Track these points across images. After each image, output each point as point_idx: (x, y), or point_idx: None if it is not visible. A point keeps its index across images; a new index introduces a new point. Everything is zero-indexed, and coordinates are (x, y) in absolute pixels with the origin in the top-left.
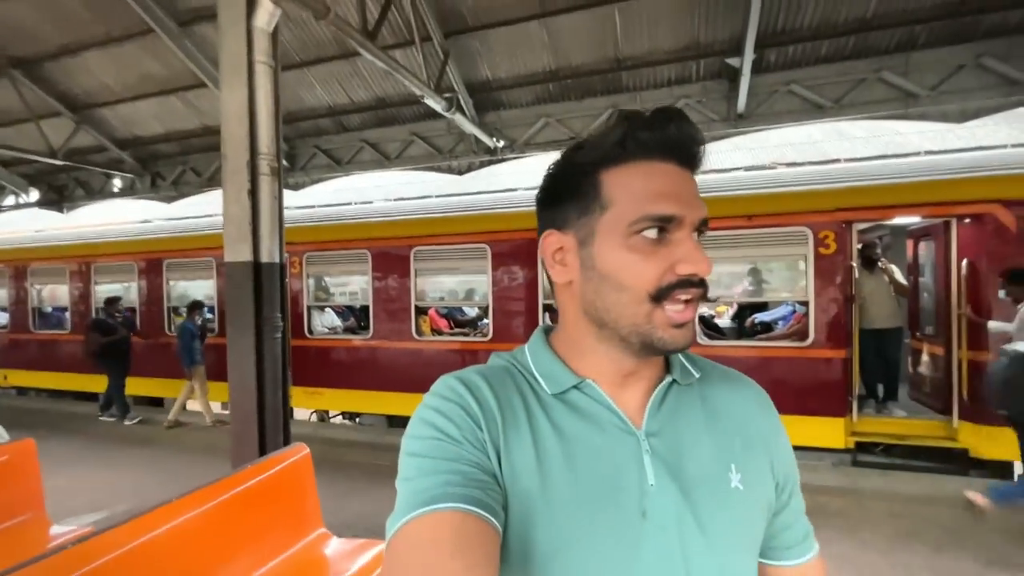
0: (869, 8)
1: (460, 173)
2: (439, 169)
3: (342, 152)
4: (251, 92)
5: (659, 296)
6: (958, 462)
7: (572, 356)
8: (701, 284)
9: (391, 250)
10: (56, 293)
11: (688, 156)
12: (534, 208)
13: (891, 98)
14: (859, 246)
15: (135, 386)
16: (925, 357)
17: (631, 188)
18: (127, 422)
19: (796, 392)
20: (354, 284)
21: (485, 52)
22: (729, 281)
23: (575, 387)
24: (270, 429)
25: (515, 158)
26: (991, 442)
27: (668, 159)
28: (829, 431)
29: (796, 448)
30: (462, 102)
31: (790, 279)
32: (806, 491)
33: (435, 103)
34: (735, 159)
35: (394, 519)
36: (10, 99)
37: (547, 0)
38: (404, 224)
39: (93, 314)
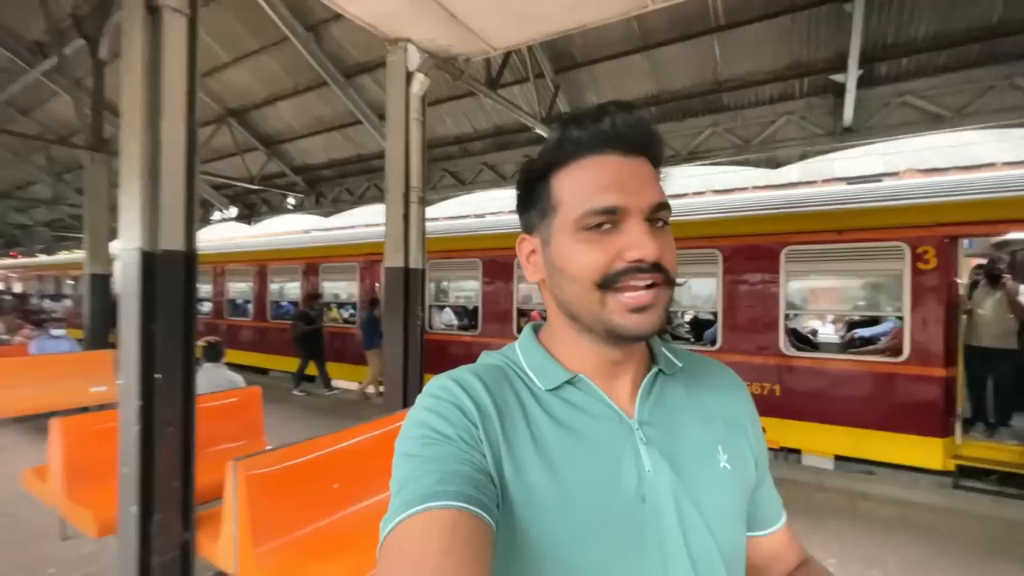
0: (994, 14)
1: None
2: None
3: (465, 173)
4: (407, 142)
5: (606, 283)
6: None
7: (561, 351)
8: (656, 269)
9: (498, 259)
10: (241, 288)
11: (632, 144)
12: None
13: (1019, 105)
14: (983, 260)
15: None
16: None
17: (574, 186)
18: (327, 392)
19: (889, 408)
20: (468, 288)
21: (591, 83)
22: (825, 296)
23: (568, 382)
24: (411, 390)
25: None
26: None
27: (609, 151)
28: (925, 451)
29: (891, 466)
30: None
31: (888, 294)
32: (906, 507)
33: (543, 132)
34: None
35: (387, 520)
36: (224, 140)
37: (649, 34)
38: (511, 236)
39: (295, 306)
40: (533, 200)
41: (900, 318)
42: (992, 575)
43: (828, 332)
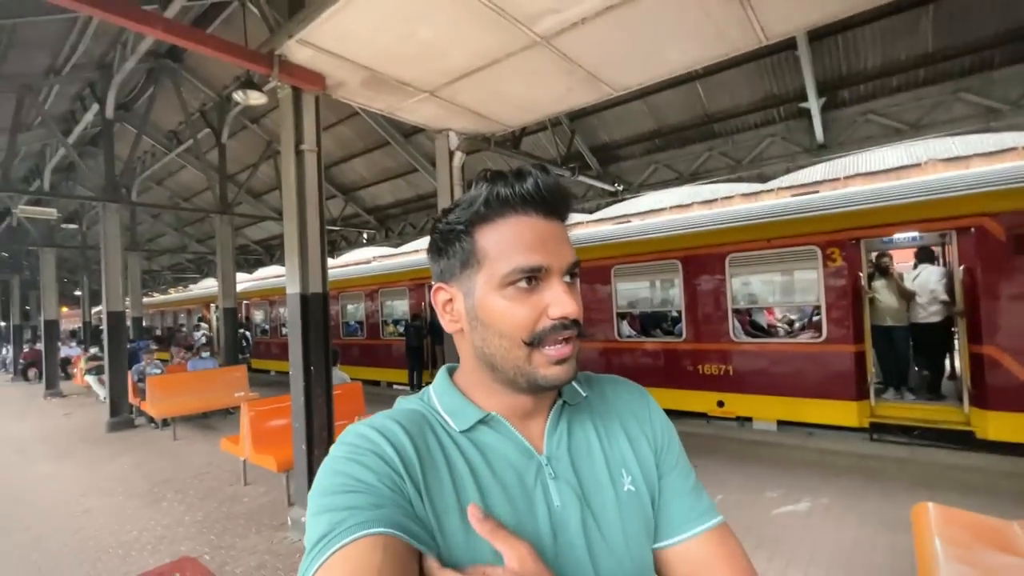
0: (927, 44)
1: (590, 212)
2: (581, 210)
3: None
4: (452, 199)
5: (534, 341)
6: (965, 442)
7: (475, 394)
8: (575, 324)
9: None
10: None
11: (551, 207)
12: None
13: (973, 115)
14: (874, 256)
15: (385, 374)
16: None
17: (500, 243)
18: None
19: (815, 380)
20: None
21: (602, 126)
22: (766, 290)
23: (481, 421)
24: None
25: (632, 197)
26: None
27: (532, 212)
28: (845, 412)
29: (819, 426)
30: (588, 161)
31: (808, 288)
32: (836, 455)
33: (560, 172)
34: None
35: (307, 568)
36: None
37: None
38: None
39: (404, 324)
40: (453, 251)
41: (818, 307)
42: (909, 500)
43: (776, 321)
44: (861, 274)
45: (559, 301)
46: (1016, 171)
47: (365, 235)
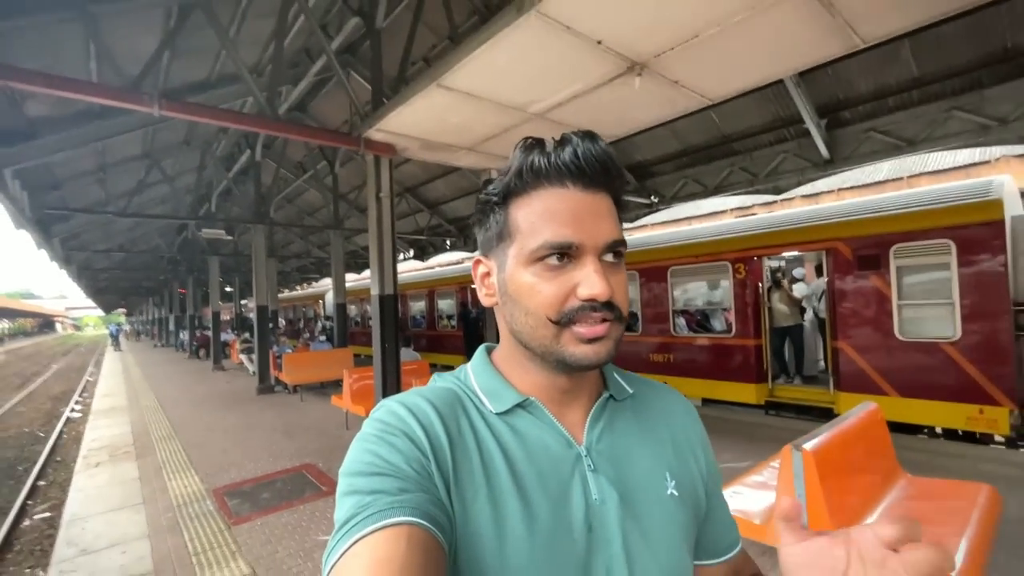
0: (912, 70)
1: (631, 221)
2: (622, 219)
3: None
4: None
5: (561, 320)
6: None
7: (512, 373)
8: (607, 307)
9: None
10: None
11: (591, 179)
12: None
13: (967, 130)
14: (773, 269)
15: (441, 359)
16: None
17: (531, 217)
18: None
19: (726, 366)
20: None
21: (634, 147)
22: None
23: (519, 405)
24: None
25: (666, 208)
26: (851, 403)
27: (569, 184)
28: (748, 392)
29: (732, 403)
30: (627, 177)
31: (725, 294)
32: (740, 424)
33: None
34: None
35: (332, 550)
36: (403, 207)
37: None
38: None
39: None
40: (490, 223)
41: (727, 309)
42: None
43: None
44: (760, 284)
45: (589, 281)
46: (854, 206)
47: (448, 242)
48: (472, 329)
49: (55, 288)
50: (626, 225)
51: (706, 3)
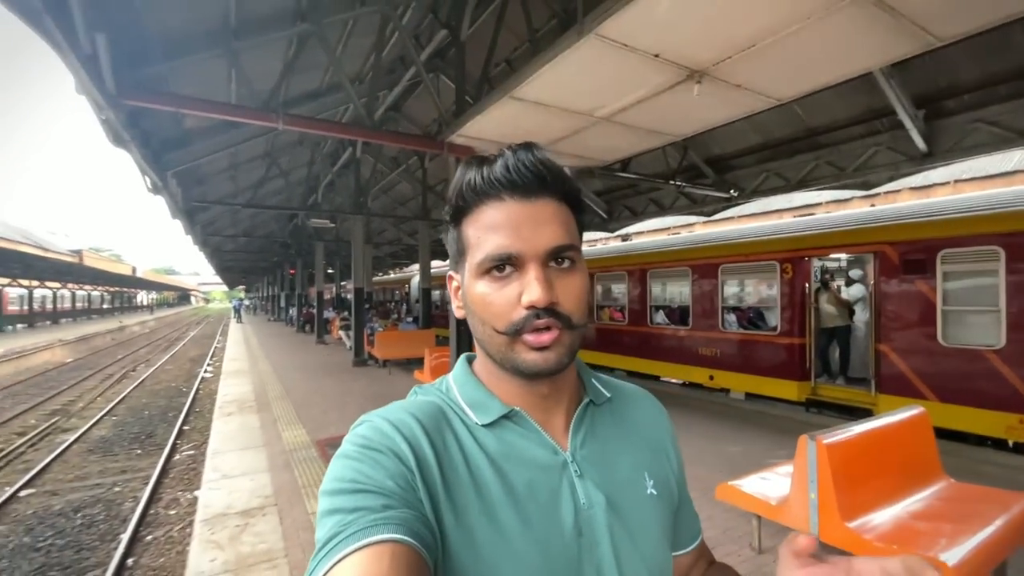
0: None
1: (709, 215)
2: (699, 213)
3: (637, 206)
4: None
5: (509, 332)
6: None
7: (493, 382)
8: (551, 314)
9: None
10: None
11: (528, 188)
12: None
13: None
14: (821, 270)
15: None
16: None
17: (477, 232)
18: None
19: (771, 363)
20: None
21: (712, 141)
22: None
23: (505, 416)
24: None
25: (747, 202)
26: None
27: (505, 196)
28: (791, 389)
29: (765, 399)
30: (704, 170)
31: (772, 292)
32: (782, 420)
33: (664, 186)
34: None
35: (314, 572)
36: None
37: None
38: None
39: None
40: (449, 241)
41: (773, 307)
42: None
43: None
44: (808, 284)
45: (529, 288)
46: (903, 209)
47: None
48: None
49: (191, 265)
50: (704, 220)
51: (758, 16)
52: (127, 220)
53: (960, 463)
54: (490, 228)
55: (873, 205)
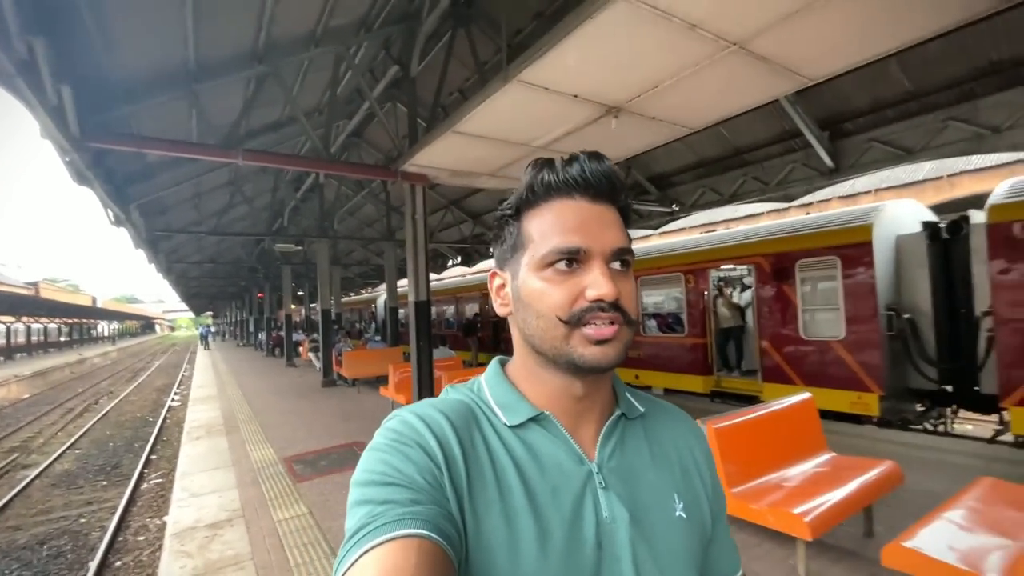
0: (904, 84)
1: (655, 228)
2: (647, 226)
3: None
4: None
5: (571, 320)
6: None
7: (526, 386)
8: (615, 308)
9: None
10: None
11: (597, 191)
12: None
13: (963, 139)
14: (719, 279)
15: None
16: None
17: (542, 227)
18: None
19: (681, 361)
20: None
21: (653, 160)
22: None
23: (533, 419)
24: None
25: (685, 216)
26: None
27: (576, 196)
28: (697, 383)
29: (680, 392)
30: (647, 187)
31: (679, 299)
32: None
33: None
34: None
35: (342, 560)
36: (448, 218)
37: None
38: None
39: None
40: (505, 237)
41: (682, 312)
42: None
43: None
44: (706, 292)
45: (596, 283)
46: (773, 227)
47: (491, 249)
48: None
49: (154, 293)
50: (647, 232)
51: (654, 65)
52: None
53: (852, 440)
54: (559, 223)
55: (808, 213)
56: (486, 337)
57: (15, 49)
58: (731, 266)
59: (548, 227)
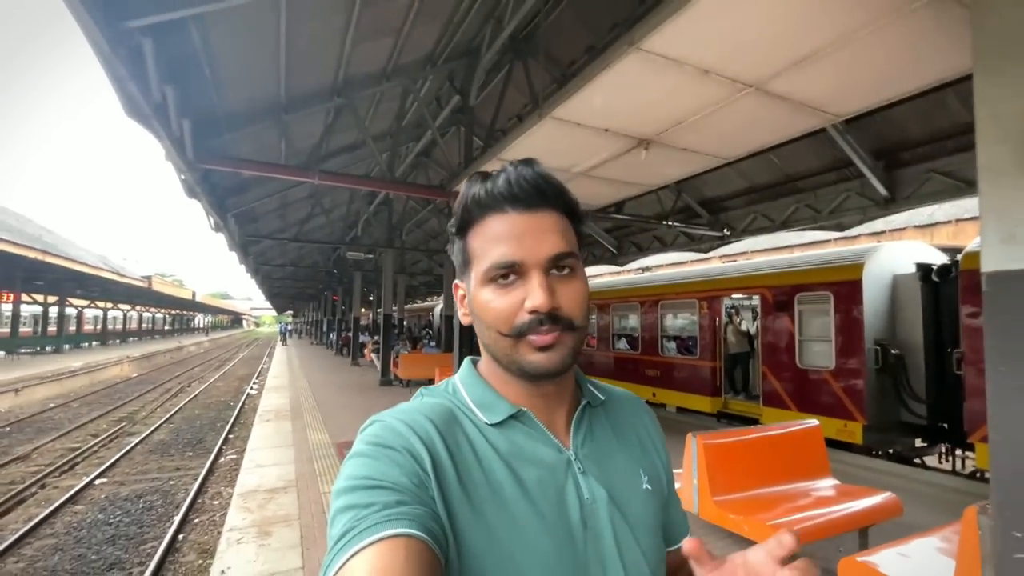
0: (963, 116)
1: (705, 252)
2: (697, 249)
3: (643, 242)
4: None
5: (512, 334)
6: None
7: (499, 384)
8: (553, 319)
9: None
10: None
11: (528, 201)
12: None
13: None
14: (730, 307)
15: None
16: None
17: (481, 243)
18: None
19: (693, 382)
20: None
21: (704, 185)
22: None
23: (512, 416)
24: None
25: (737, 240)
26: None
27: (508, 208)
28: (706, 403)
29: (691, 412)
30: (698, 211)
31: (694, 324)
32: (699, 427)
33: (661, 225)
34: None
35: (326, 571)
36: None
37: None
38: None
39: None
40: (455, 252)
41: (695, 336)
42: None
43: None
44: (718, 319)
45: (532, 295)
46: (776, 262)
47: None
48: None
49: (244, 291)
50: (700, 256)
51: (675, 104)
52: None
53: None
54: (494, 238)
55: (879, 241)
56: None
57: (153, 96)
58: (741, 295)
59: (486, 242)
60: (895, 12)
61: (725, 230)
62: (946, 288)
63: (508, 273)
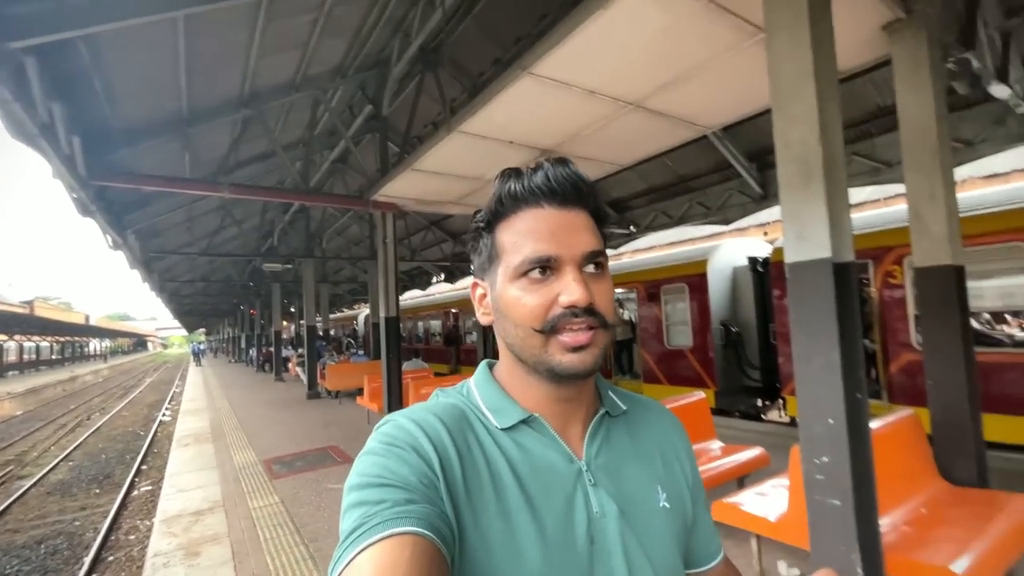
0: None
1: (615, 247)
2: (608, 246)
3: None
4: None
5: (546, 329)
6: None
7: (514, 388)
8: (589, 313)
9: None
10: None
11: (564, 197)
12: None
13: (864, 171)
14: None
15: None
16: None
17: (513, 237)
18: None
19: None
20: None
21: (610, 187)
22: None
23: (523, 421)
24: None
25: (640, 236)
26: (651, 393)
27: (544, 204)
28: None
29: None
30: (609, 213)
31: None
32: None
33: None
34: None
35: (337, 561)
36: (431, 236)
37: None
38: None
39: None
40: (481, 248)
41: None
42: None
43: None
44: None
45: (568, 289)
46: (646, 261)
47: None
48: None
49: (147, 311)
50: (612, 252)
51: (567, 120)
52: (77, 268)
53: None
54: (527, 232)
55: (766, 233)
56: (464, 349)
57: (39, 114)
58: (623, 290)
59: (519, 237)
60: (735, 48)
61: (631, 227)
62: (768, 276)
63: (544, 268)
